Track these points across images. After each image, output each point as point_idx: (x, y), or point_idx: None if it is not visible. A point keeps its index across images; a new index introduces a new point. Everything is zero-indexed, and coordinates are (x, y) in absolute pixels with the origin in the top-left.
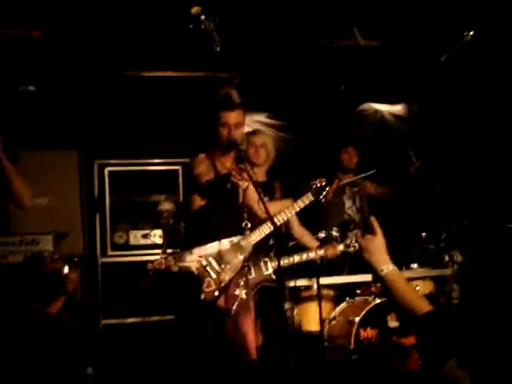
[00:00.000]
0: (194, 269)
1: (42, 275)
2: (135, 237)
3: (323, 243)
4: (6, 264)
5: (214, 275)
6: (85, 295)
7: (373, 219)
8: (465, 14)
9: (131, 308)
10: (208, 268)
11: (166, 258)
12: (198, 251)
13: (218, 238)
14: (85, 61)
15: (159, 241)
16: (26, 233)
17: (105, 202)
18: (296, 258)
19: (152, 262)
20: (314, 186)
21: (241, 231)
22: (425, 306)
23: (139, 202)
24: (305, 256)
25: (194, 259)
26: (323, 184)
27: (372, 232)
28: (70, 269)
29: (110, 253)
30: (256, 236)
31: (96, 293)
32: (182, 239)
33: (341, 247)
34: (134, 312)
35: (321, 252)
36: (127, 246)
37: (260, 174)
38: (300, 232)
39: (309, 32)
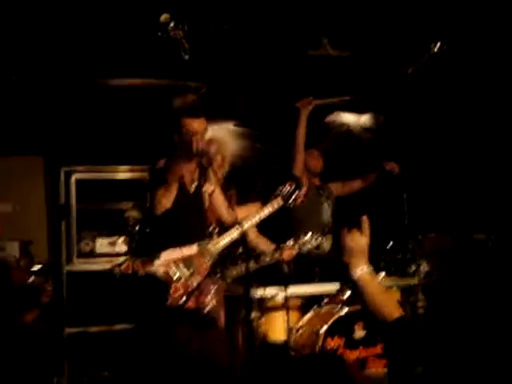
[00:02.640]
0: (161, 273)
1: (13, 285)
2: (101, 244)
3: (277, 248)
4: None
5: (181, 280)
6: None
7: (364, 218)
8: (432, 26)
9: (96, 316)
10: (175, 272)
11: (133, 262)
12: (166, 255)
13: (185, 242)
14: (54, 67)
15: (125, 249)
16: None
17: (71, 209)
18: (252, 265)
19: (119, 265)
20: (284, 191)
21: (208, 235)
22: (395, 312)
23: (106, 209)
24: (261, 261)
25: (161, 263)
26: (293, 188)
27: (361, 231)
28: (45, 280)
29: (75, 261)
30: (224, 241)
31: (61, 301)
32: (147, 245)
33: (296, 248)
34: (98, 320)
35: (276, 255)
36: (93, 254)
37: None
38: (256, 241)
39: (279, 41)
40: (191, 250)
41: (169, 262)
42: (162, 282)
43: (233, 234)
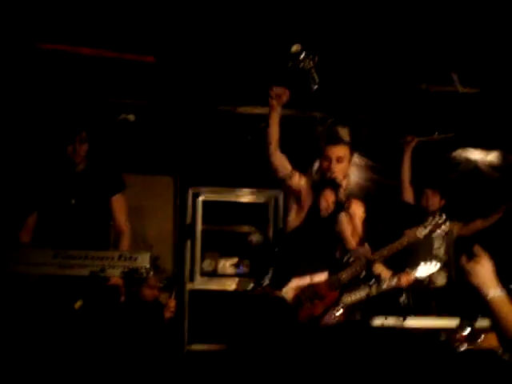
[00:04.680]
0: (289, 298)
1: (139, 299)
2: (223, 265)
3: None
4: (104, 278)
5: (308, 307)
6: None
7: (476, 246)
8: None
9: (216, 335)
10: (303, 299)
11: (263, 286)
12: (295, 281)
13: (314, 265)
14: (185, 93)
15: (247, 271)
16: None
17: (196, 229)
18: (370, 291)
19: (251, 289)
20: (433, 221)
21: (343, 264)
22: None
23: (229, 231)
24: (377, 288)
25: (290, 288)
26: (444, 219)
27: (477, 257)
28: (169, 296)
29: (197, 279)
30: (352, 272)
31: (182, 318)
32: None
33: (414, 274)
34: (219, 339)
35: (394, 280)
36: (215, 274)
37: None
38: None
39: (406, 76)
40: (321, 277)
41: (298, 287)
42: (289, 307)
43: (362, 266)
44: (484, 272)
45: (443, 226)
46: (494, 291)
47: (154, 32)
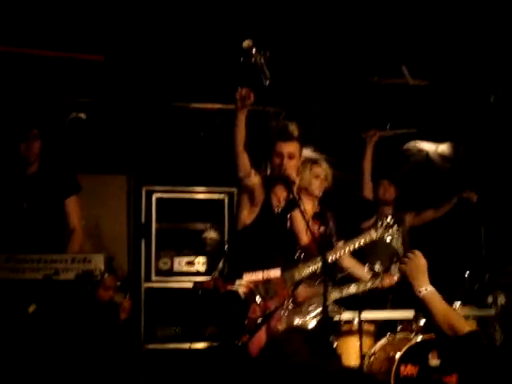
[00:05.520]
0: (241, 293)
1: (94, 300)
2: (179, 263)
3: (375, 274)
4: (58, 281)
5: (260, 302)
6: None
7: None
8: None
9: (173, 334)
10: (255, 294)
11: (215, 279)
12: (248, 276)
13: (267, 262)
14: (137, 90)
15: (203, 268)
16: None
17: (151, 227)
18: (353, 289)
19: (201, 282)
20: (382, 224)
21: (294, 261)
22: (466, 326)
23: (184, 229)
24: (362, 286)
25: (242, 283)
26: (391, 222)
27: (409, 257)
28: (124, 297)
29: (153, 278)
30: (309, 269)
31: (139, 317)
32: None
33: (396, 277)
34: (175, 338)
35: (377, 282)
36: (171, 273)
37: (314, 205)
38: (350, 262)
39: (358, 69)
40: (274, 273)
41: (250, 282)
42: (242, 302)
43: (318, 263)
44: (415, 268)
45: (390, 230)
46: (424, 288)
47: (104, 30)
